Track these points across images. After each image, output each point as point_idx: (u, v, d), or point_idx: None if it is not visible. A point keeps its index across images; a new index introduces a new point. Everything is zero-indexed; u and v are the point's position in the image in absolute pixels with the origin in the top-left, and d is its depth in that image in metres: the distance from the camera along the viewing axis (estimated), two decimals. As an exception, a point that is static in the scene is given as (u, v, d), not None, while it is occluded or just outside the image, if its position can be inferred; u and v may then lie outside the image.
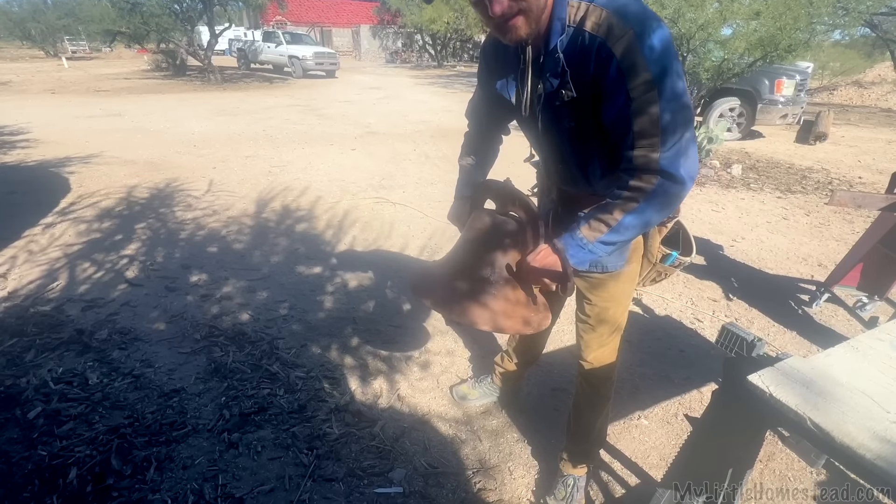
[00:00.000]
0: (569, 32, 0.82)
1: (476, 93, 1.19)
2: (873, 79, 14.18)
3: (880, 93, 13.19)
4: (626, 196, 0.84)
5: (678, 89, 0.77)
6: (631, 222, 0.86)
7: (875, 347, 0.84)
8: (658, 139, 0.78)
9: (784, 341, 2.17)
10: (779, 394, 0.72)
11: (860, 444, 0.63)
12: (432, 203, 3.83)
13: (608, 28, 0.77)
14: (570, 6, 0.82)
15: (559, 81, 0.87)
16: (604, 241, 0.90)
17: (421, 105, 9.61)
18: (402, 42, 25.83)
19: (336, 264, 2.75)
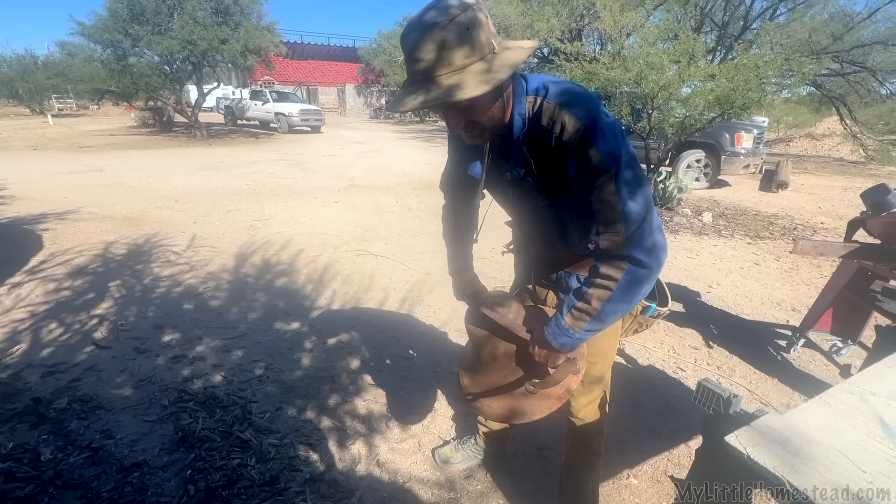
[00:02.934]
0: (527, 126, 0.87)
1: (448, 166, 1.21)
2: (824, 131, 15.33)
3: (831, 144, 14.21)
4: (600, 284, 0.88)
5: (633, 174, 0.81)
6: (610, 309, 0.89)
7: (846, 402, 0.85)
8: (621, 225, 0.81)
9: (766, 389, 2.17)
10: (756, 455, 0.71)
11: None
12: (414, 255, 3.85)
13: (561, 124, 0.82)
14: (527, 100, 0.87)
15: (524, 171, 0.93)
16: (588, 330, 0.94)
17: (404, 158, 9.91)
18: (386, 99, 27.04)
19: (315, 320, 2.70)
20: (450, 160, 1.18)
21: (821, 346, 2.53)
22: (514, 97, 0.86)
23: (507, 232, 1.40)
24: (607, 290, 0.87)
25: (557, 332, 0.95)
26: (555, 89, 0.85)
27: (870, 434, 0.77)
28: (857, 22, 8.20)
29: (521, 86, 0.87)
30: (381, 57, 23.14)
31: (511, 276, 1.43)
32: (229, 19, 11.94)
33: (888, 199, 1.84)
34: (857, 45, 8.21)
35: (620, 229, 0.81)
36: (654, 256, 0.84)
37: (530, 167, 0.91)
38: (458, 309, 2.87)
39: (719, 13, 8.34)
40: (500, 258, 1.43)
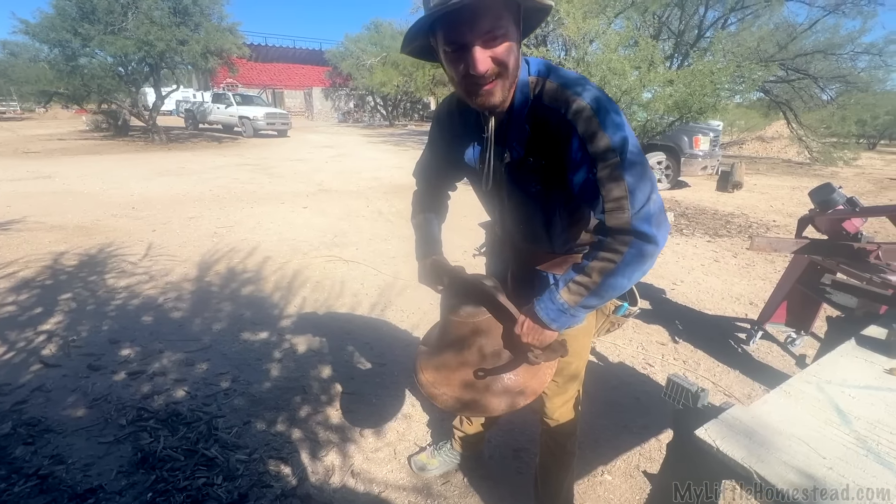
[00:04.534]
0: (529, 104, 0.87)
1: (426, 155, 1.20)
2: (773, 134, 16.27)
3: (780, 146, 15.08)
4: (604, 257, 0.84)
5: (636, 151, 0.82)
6: (611, 284, 0.85)
7: (805, 391, 0.88)
8: (627, 201, 0.80)
9: (729, 381, 2.26)
10: (725, 448, 0.73)
11: (802, 494, 0.65)
12: (386, 259, 3.81)
13: (565, 102, 0.82)
14: (529, 80, 0.87)
15: (524, 150, 0.90)
16: (584, 305, 0.89)
17: (373, 163, 9.82)
18: (354, 103, 26.78)
19: (284, 328, 2.62)
20: (430, 148, 1.16)
21: (777, 338, 2.66)
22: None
23: (479, 235, 1.40)
24: (611, 262, 0.83)
25: (551, 308, 0.90)
26: (556, 72, 0.87)
27: (827, 421, 0.80)
28: (800, 32, 8.76)
29: (524, 66, 0.87)
30: (348, 60, 22.85)
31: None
32: (188, 20, 11.51)
33: (833, 197, 1.96)
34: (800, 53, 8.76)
35: (627, 206, 0.80)
36: (662, 232, 0.83)
37: (532, 146, 0.89)
38: (430, 312, 2.86)
39: (675, 21, 8.71)
40: (472, 260, 1.41)
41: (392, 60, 20.42)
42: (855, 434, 0.77)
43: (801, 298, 2.34)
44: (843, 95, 9.79)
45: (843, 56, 8.93)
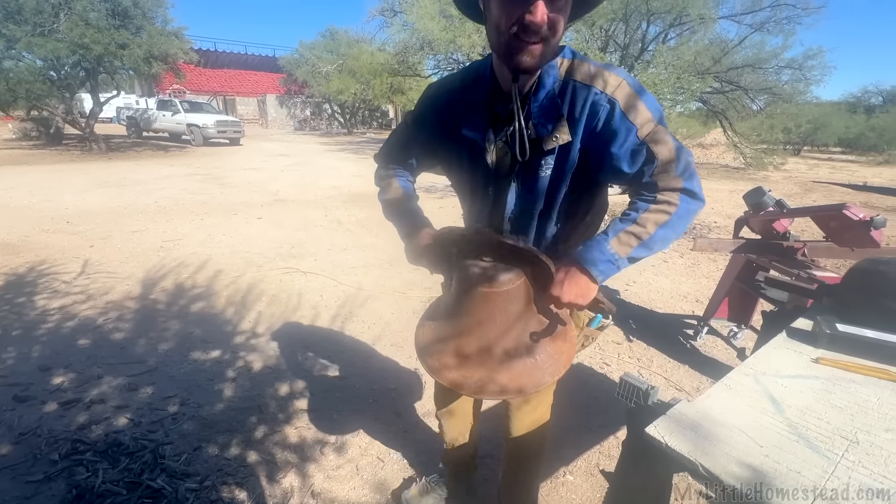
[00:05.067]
0: (560, 82, 0.88)
1: (401, 138, 1.11)
2: (711, 141, 17.47)
3: (718, 152, 16.19)
4: (657, 209, 0.86)
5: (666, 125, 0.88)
6: (662, 236, 0.86)
7: (743, 383, 0.94)
8: (673, 164, 0.85)
9: (679, 376, 2.37)
10: (673, 443, 0.76)
11: (741, 483, 0.68)
12: (346, 270, 3.74)
13: (603, 79, 0.85)
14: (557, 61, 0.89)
15: (553, 126, 0.87)
16: (632, 257, 0.88)
17: (331, 171, 9.66)
18: (311, 110, 26.28)
19: (238, 346, 2.50)
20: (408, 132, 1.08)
21: (721, 332, 2.83)
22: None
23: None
24: (665, 214, 0.85)
25: (600, 259, 0.86)
26: (583, 57, 0.90)
27: (763, 411, 0.85)
28: (731, 48, 9.48)
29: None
30: (303, 67, 22.43)
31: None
32: (128, 22, 10.90)
33: (763, 199, 2.12)
34: (732, 67, 9.47)
35: (674, 168, 0.85)
36: (702, 192, 0.88)
37: (562, 121, 0.87)
38: (392, 322, 2.83)
39: (621, 35, 9.19)
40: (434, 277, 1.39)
41: (349, 68, 20.22)
42: (787, 421, 0.83)
43: (740, 294, 2.50)
44: (771, 106, 10.66)
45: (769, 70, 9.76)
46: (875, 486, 0.69)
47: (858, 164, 15.75)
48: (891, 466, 0.73)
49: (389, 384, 2.20)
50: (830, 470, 0.72)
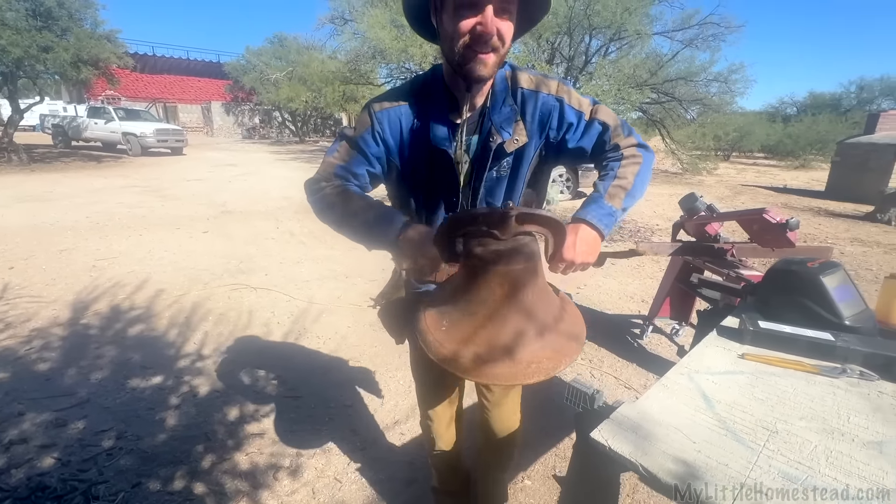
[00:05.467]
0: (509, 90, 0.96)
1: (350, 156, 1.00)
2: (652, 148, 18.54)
3: (658, 158, 17.22)
4: (629, 162, 0.97)
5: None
6: (640, 183, 0.96)
7: (678, 382, 1.00)
8: (620, 127, 0.99)
9: (628, 374, 2.49)
10: (615, 446, 0.80)
11: (676, 479, 0.73)
12: (299, 283, 3.63)
13: (546, 84, 0.97)
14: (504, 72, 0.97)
15: (512, 130, 0.94)
16: (624, 207, 0.94)
17: (283, 181, 9.38)
18: (260, 118, 25.42)
19: (183, 370, 2.36)
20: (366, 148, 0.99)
21: (664, 330, 2.99)
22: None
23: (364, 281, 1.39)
24: (637, 164, 0.97)
25: (603, 214, 0.91)
26: (521, 68, 0.99)
27: (697, 408, 0.91)
28: (665, 62, 10.17)
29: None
30: (251, 74, 21.70)
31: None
32: (53, 24, 10.09)
33: (696, 205, 2.27)
34: (667, 79, 10.16)
35: (621, 130, 0.99)
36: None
37: (518, 126, 0.94)
38: (348, 336, 2.78)
39: (566, 48, 9.61)
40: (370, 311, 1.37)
41: (299, 75, 19.79)
42: (717, 417, 0.89)
43: (680, 294, 2.66)
44: (702, 115, 11.52)
45: (699, 82, 10.56)
46: (792, 472, 0.76)
47: (779, 168, 17.28)
48: (804, 452, 0.80)
49: (346, 400, 2.15)
50: (754, 460, 0.78)
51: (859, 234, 6.24)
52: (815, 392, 0.97)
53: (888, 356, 1.03)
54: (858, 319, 1.13)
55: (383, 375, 2.39)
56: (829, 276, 1.16)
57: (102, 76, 12.12)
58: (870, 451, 0.81)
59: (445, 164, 0.97)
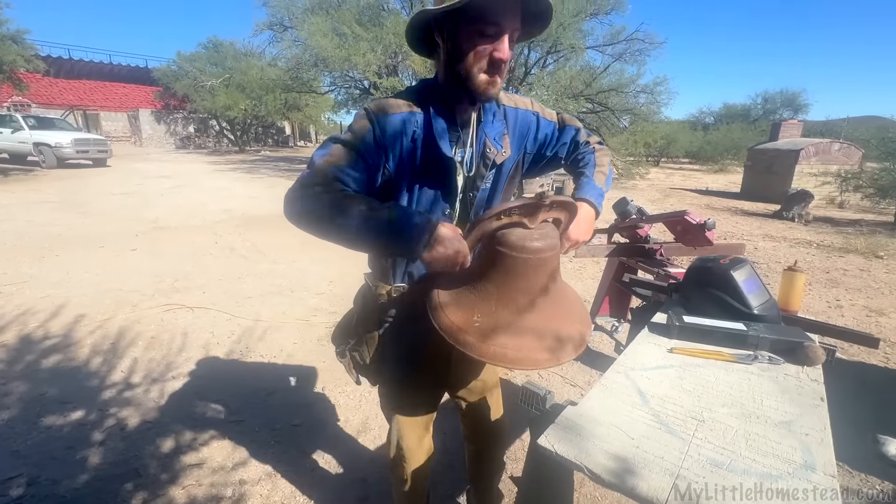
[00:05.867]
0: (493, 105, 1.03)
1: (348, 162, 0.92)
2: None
3: (598, 165, 18.20)
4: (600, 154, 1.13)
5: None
6: (610, 169, 1.12)
7: (616, 380, 1.05)
8: (582, 128, 1.16)
9: (573, 372, 2.58)
10: (561, 450, 0.82)
11: (617, 477, 0.76)
12: (241, 301, 3.44)
13: (522, 101, 1.08)
14: None
15: (501, 143, 1.02)
16: (606, 188, 1.08)
17: (222, 192, 8.90)
18: (195, 127, 24.02)
19: (108, 401, 2.15)
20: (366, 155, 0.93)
21: (605, 328, 3.14)
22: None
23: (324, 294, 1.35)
24: (606, 155, 1.14)
25: (598, 194, 1.05)
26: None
27: (633, 405, 0.96)
28: (598, 74, 10.83)
29: None
30: (183, 81, 20.49)
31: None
32: (-56, 22, 9.01)
33: (628, 208, 2.42)
34: (601, 90, 10.81)
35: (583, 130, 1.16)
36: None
37: (505, 139, 1.03)
38: (295, 353, 2.67)
39: (507, 60, 9.96)
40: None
41: (237, 82, 18.96)
42: (652, 411, 0.94)
43: (617, 293, 2.81)
44: (633, 124, 12.34)
45: (630, 93, 11.33)
46: (718, 458, 0.81)
47: (702, 172, 18.84)
48: (727, 438, 0.86)
49: (293, 420, 2.06)
50: (685, 450, 0.83)
51: (769, 231, 6.93)
52: (733, 379, 1.06)
53: (790, 341, 1.14)
54: (764, 308, 1.25)
55: (332, 391, 2.32)
56: (739, 270, 1.28)
57: (8, 81, 10.94)
58: (781, 431, 0.89)
59: (446, 173, 0.99)
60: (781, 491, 0.73)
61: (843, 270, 4.80)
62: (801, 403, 0.98)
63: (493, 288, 0.85)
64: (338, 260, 4.59)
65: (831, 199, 9.27)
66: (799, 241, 6.20)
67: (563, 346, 0.86)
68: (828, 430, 0.89)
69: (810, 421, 0.92)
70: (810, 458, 0.82)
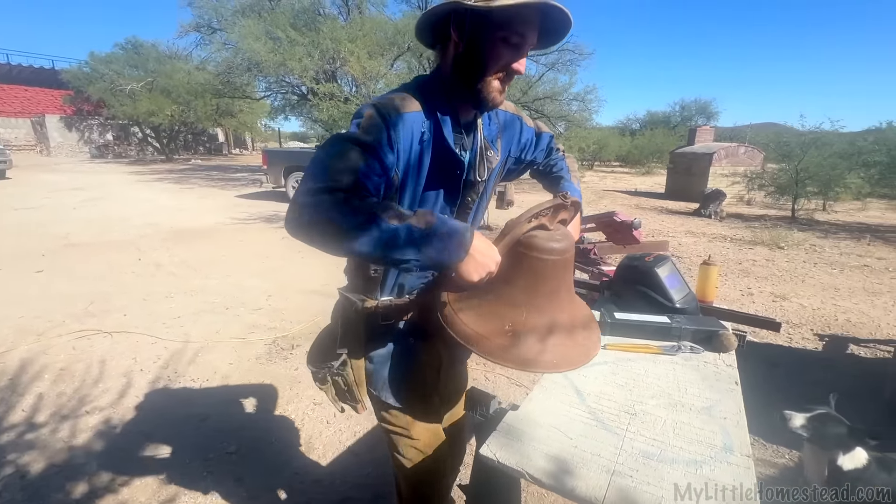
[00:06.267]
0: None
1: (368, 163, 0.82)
2: (531, 160, 20.34)
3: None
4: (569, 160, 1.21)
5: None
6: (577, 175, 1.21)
7: (555, 380, 1.07)
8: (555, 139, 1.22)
9: (518, 372, 2.63)
10: (503, 458, 0.82)
11: (556, 479, 0.77)
12: (168, 321, 3.18)
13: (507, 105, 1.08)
14: None
15: (497, 147, 1.03)
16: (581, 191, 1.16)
17: (147, 205, 8.23)
18: (115, 134, 22.07)
19: (5, 446, 1.88)
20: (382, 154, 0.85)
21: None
22: None
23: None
24: (573, 160, 1.22)
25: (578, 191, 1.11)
26: None
27: (571, 404, 0.98)
28: (534, 82, 11.29)
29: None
30: (98, 84, 18.75)
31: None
32: None
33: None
34: (537, 98, 11.29)
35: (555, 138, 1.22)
36: None
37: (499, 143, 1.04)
38: (230, 374, 2.51)
39: (446, 67, 10.13)
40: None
41: (161, 87, 17.67)
42: (588, 409, 0.97)
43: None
44: (568, 130, 12.97)
45: (563, 101, 11.91)
46: (649, 449, 0.85)
47: (631, 175, 20.16)
48: (657, 429, 0.91)
49: (228, 447, 1.92)
50: (620, 445, 0.86)
51: (691, 228, 7.54)
52: (660, 371, 1.12)
53: (707, 330, 1.23)
54: (685, 301, 1.34)
55: (271, 413, 2.19)
56: (661, 267, 1.36)
57: None
58: (703, 417, 0.95)
59: (453, 177, 0.95)
60: (705, 476, 0.78)
61: (752, 261, 5.31)
62: (719, 389, 1.05)
63: (521, 293, 0.82)
64: (276, 272, 4.38)
65: (741, 197, 10.26)
66: (716, 236, 6.80)
67: (591, 337, 0.88)
68: (742, 413, 0.97)
69: (728, 405, 0.99)
70: (728, 440, 0.88)
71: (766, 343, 3.00)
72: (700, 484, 0.75)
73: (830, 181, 8.51)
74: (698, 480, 0.76)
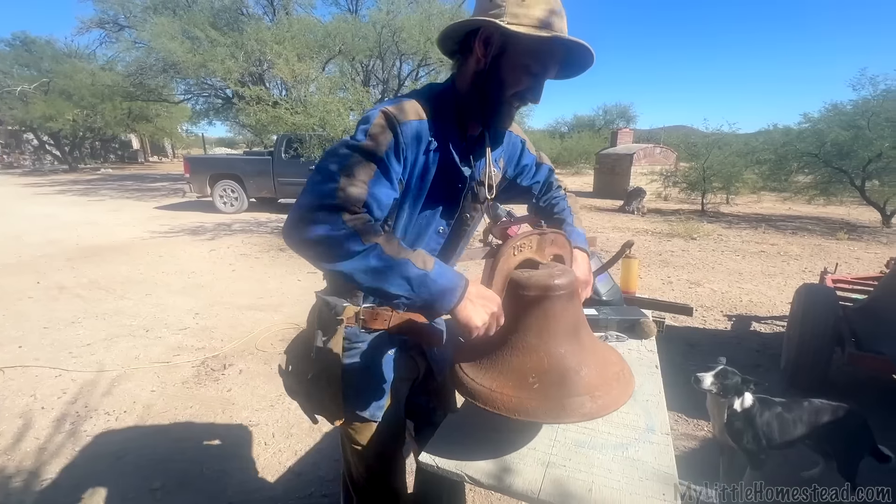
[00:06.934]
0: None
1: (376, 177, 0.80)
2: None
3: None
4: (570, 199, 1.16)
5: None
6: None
7: (493, 380, 1.09)
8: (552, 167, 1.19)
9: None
10: (442, 463, 0.81)
11: (495, 478, 0.78)
12: (76, 350, 2.84)
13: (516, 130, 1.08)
14: None
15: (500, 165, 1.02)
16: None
17: (47, 220, 7.34)
18: (3, 142, 19.48)
19: None
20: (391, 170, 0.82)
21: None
22: None
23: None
24: (574, 199, 1.17)
25: (582, 238, 1.08)
26: None
27: (507, 400, 1.00)
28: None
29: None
30: (-22, 84, 16.50)
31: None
32: None
33: (498, 212, 2.59)
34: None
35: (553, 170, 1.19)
36: None
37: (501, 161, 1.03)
38: (154, 403, 2.31)
39: (380, 71, 10.01)
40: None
41: (59, 88, 15.83)
42: (524, 404, 0.99)
43: (500, 293, 2.99)
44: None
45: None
46: (581, 438, 0.89)
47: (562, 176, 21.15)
48: (587, 417, 0.95)
49: (152, 483, 1.75)
50: (554, 437, 0.89)
51: (617, 223, 8.08)
52: (591, 362, 1.18)
53: (630, 319, 1.32)
54: (610, 294, 1.43)
55: (200, 441, 2.03)
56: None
57: None
58: (629, 401, 1.01)
59: (455, 191, 0.94)
60: (630, 457, 0.83)
61: (670, 252, 5.80)
62: (642, 373, 1.13)
63: (535, 339, 0.77)
64: (204, 289, 4.09)
65: (658, 194, 11.16)
66: (639, 231, 7.34)
67: (623, 371, 0.82)
68: (662, 394, 1.04)
69: (650, 388, 1.07)
70: (651, 421, 0.94)
71: (685, 326, 3.28)
72: (626, 465, 0.80)
73: (731, 177, 9.54)
74: (625, 462, 0.81)
